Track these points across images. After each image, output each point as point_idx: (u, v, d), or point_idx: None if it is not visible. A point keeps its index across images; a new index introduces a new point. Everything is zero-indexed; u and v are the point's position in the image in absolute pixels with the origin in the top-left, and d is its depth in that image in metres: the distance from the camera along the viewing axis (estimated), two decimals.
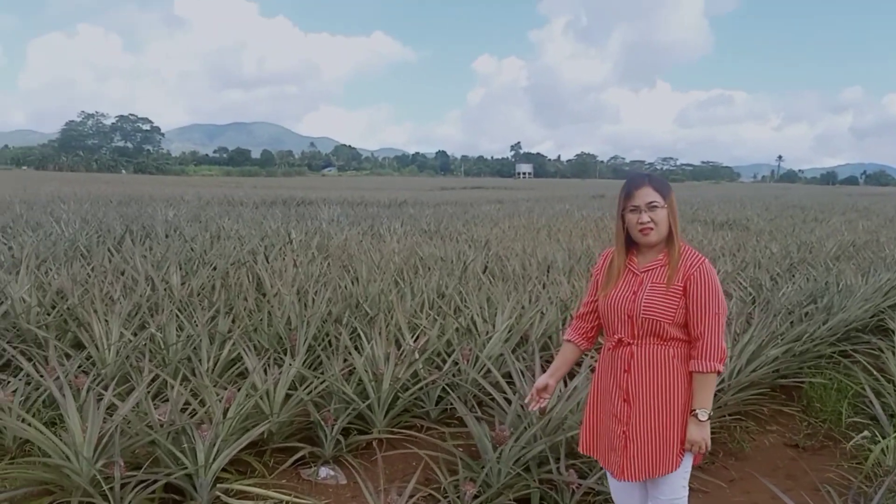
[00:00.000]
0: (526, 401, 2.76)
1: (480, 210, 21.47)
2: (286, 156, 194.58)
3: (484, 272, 7.94)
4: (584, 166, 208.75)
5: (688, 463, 2.51)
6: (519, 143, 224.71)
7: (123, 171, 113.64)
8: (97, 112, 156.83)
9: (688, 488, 2.55)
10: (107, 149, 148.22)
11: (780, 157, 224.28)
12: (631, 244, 2.54)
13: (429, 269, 8.05)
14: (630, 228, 2.49)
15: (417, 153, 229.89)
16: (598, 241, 11.92)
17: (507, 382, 4.31)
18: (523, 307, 5.85)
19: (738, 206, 25.55)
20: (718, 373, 2.41)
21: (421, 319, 5.61)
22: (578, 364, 4.32)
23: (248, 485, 3.55)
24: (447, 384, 4.62)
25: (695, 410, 2.41)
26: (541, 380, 2.70)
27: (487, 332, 5.28)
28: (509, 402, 4.04)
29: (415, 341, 5.01)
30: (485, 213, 19.57)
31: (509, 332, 5.29)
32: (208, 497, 3.35)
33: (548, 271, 8.12)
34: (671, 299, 2.41)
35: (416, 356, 4.70)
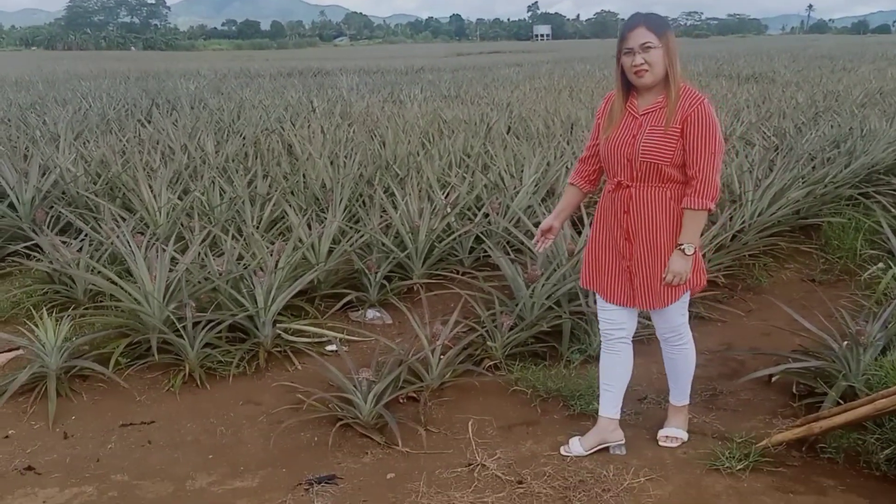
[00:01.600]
0: (533, 241, 2.90)
1: (499, 73, 21.08)
2: (296, 26, 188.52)
3: (508, 133, 8.02)
4: (604, 25, 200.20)
5: (685, 296, 2.65)
6: (536, 2, 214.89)
7: (133, 48, 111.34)
8: None
9: (687, 315, 2.72)
10: (113, 25, 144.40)
11: (810, 6, 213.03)
12: (630, 87, 2.52)
13: (453, 131, 8.14)
14: (626, 71, 2.47)
15: (431, 18, 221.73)
16: None
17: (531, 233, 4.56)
18: (549, 163, 5.99)
19: (765, 59, 24.75)
20: (710, 211, 2.46)
21: (450, 177, 5.80)
22: None
23: (304, 324, 3.90)
24: (479, 234, 4.88)
25: (681, 244, 2.48)
26: (545, 221, 2.82)
27: (515, 187, 5.47)
28: None
29: (446, 197, 5.22)
30: (504, 77, 19.24)
31: (536, 186, 5.48)
32: (269, 335, 3.70)
33: (571, 129, 8.18)
34: (669, 141, 2.43)
35: (448, 210, 4.93)
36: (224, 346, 3.60)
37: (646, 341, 3.47)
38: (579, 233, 4.34)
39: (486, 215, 5.00)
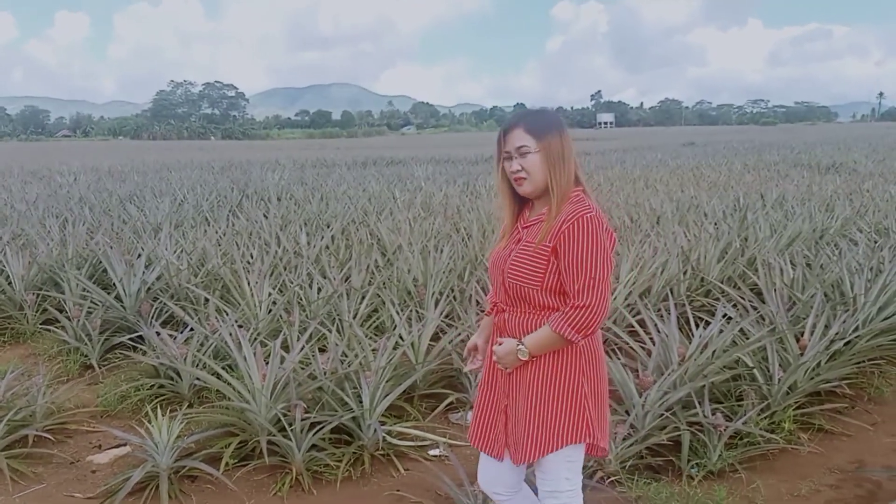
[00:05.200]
0: (463, 359, 2.62)
1: None
2: (365, 116, 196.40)
3: None
4: (668, 113, 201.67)
5: (573, 453, 2.15)
6: (599, 91, 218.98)
7: (212, 138, 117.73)
8: (185, 80, 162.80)
9: (576, 484, 2.19)
10: (196, 116, 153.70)
11: (881, 93, 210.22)
12: (520, 196, 2.19)
13: None
14: (510, 178, 2.16)
15: (495, 107, 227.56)
16: (700, 190, 11.70)
17: (630, 332, 4.44)
18: (642, 259, 5.89)
19: (842, 148, 24.33)
20: (569, 342, 2.05)
21: None
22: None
23: (407, 427, 3.83)
24: None
25: (521, 344, 2.10)
26: (470, 341, 2.45)
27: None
28: (645, 348, 4.16)
29: None
30: None
31: (632, 284, 5.37)
32: (373, 437, 3.64)
33: (658, 222, 8.09)
34: (538, 261, 2.07)
35: None
36: (330, 449, 3.55)
37: None
38: (689, 337, 4.20)
39: None
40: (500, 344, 2.16)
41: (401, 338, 4.36)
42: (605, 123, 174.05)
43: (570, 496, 2.18)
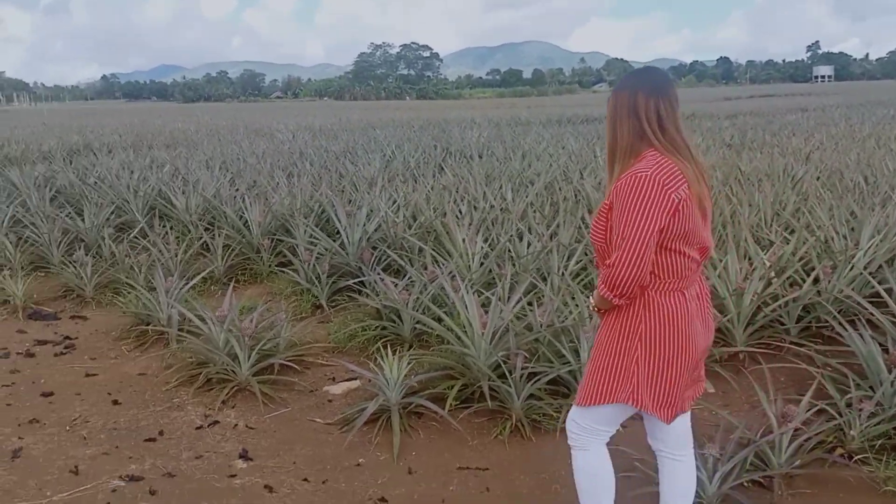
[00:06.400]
0: None
1: (785, 120, 19.59)
2: (556, 74, 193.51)
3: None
4: None
5: (587, 413, 2.25)
6: (817, 42, 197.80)
7: (408, 98, 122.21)
8: (384, 43, 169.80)
9: (581, 424, 2.28)
10: (393, 77, 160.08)
11: None
12: None
13: (752, 183, 7.62)
14: None
15: (695, 62, 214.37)
16: None
17: (875, 302, 4.03)
18: (887, 224, 5.31)
19: None
20: (609, 300, 2.08)
21: (767, 235, 5.38)
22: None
23: None
24: (808, 302, 4.43)
25: (590, 297, 2.28)
26: None
27: (848, 249, 4.90)
28: (893, 320, 3.77)
29: (767, 256, 4.83)
30: (791, 123, 17.83)
31: (873, 252, 4.86)
32: None
33: None
34: (600, 217, 2.13)
35: (773, 273, 4.54)
36: (547, 399, 3.60)
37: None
38: None
39: (816, 280, 4.53)
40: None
41: None
42: (823, 77, 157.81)
43: (574, 441, 2.33)
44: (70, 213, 7.57)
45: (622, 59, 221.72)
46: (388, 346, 4.31)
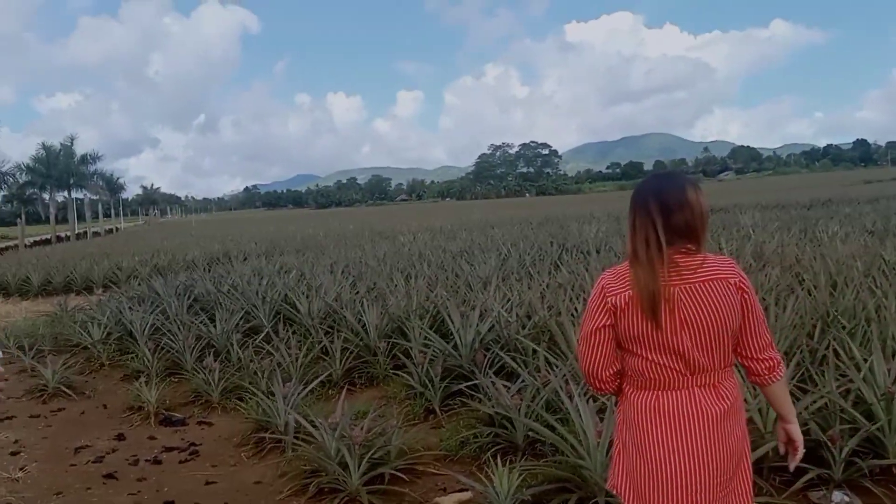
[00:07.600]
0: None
1: None
2: (679, 164, 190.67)
3: None
4: None
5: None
6: None
7: (527, 195, 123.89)
8: (504, 143, 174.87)
9: None
10: (512, 175, 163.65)
11: None
12: None
13: None
14: None
15: (830, 145, 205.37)
16: None
17: None
18: None
19: None
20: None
21: None
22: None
23: (761, 503, 3.42)
24: None
25: None
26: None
27: None
28: None
29: None
30: None
31: None
32: None
33: None
34: None
35: None
36: None
37: None
38: None
39: None
40: None
41: (746, 401, 3.95)
42: None
43: None
44: (204, 319, 8.01)
45: (749, 147, 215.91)
46: (500, 454, 4.15)
